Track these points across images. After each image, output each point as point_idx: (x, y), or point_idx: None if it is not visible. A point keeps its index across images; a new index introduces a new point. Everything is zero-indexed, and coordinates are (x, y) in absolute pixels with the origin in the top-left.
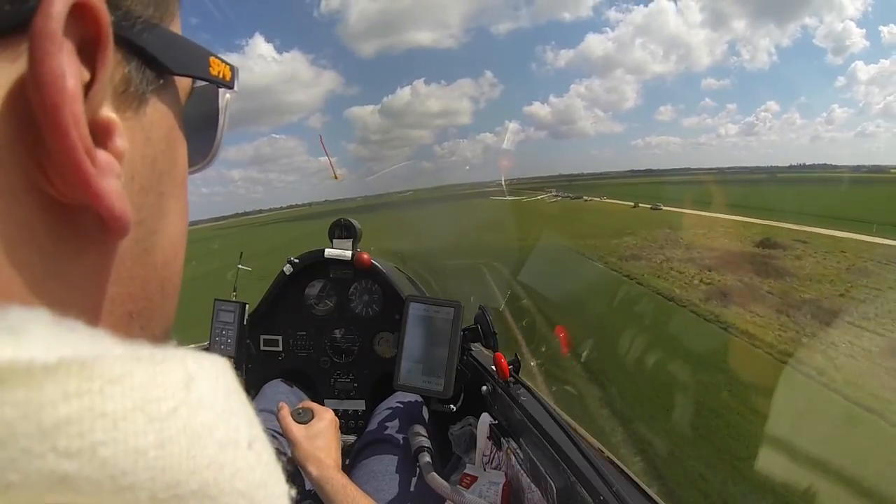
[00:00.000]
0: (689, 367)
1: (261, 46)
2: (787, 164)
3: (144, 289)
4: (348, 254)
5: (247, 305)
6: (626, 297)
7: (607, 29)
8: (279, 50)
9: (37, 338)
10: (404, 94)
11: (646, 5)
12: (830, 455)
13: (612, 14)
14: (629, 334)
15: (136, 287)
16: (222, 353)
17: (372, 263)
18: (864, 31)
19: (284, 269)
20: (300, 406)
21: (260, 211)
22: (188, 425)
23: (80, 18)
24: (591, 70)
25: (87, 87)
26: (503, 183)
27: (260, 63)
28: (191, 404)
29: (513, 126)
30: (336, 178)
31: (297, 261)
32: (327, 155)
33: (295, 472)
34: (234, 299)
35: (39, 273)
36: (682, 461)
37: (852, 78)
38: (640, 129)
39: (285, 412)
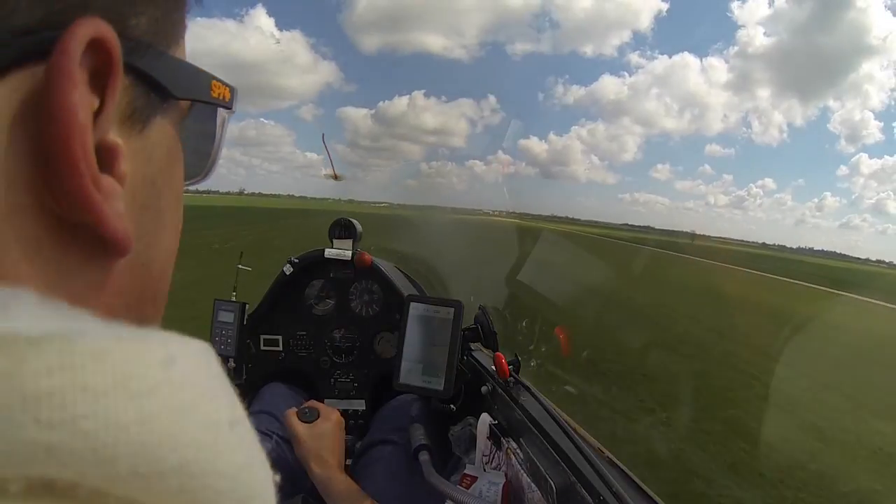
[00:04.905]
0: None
1: (261, 18)
2: (796, 246)
3: (140, 299)
4: (348, 254)
5: (246, 305)
6: (627, 298)
7: (625, 73)
8: (280, 26)
9: (22, 313)
10: (401, 102)
11: (670, 56)
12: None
13: (634, 58)
14: (629, 334)
15: (133, 298)
16: (222, 354)
17: (372, 263)
18: (881, 124)
19: (284, 269)
20: (306, 405)
21: (209, 192)
22: (169, 403)
23: (93, 51)
24: (598, 113)
25: (96, 114)
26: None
27: (257, 35)
28: (171, 383)
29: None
30: (336, 178)
31: (297, 261)
32: (328, 154)
33: (298, 469)
34: (233, 299)
35: (44, 286)
36: (683, 460)
37: (854, 169)
38: (632, 184)
39: (291, 411)
